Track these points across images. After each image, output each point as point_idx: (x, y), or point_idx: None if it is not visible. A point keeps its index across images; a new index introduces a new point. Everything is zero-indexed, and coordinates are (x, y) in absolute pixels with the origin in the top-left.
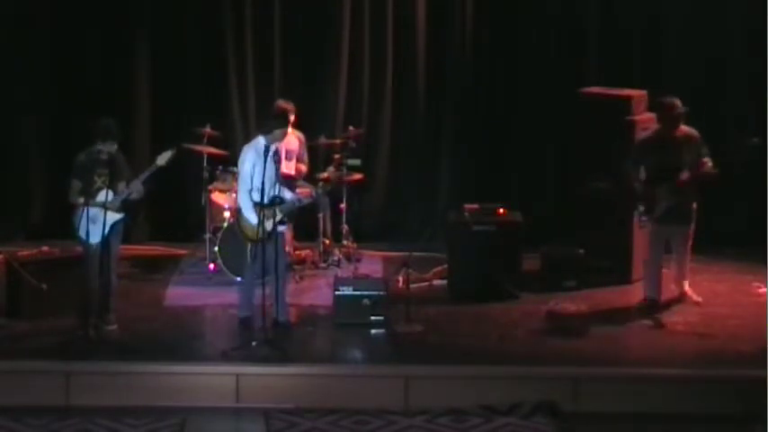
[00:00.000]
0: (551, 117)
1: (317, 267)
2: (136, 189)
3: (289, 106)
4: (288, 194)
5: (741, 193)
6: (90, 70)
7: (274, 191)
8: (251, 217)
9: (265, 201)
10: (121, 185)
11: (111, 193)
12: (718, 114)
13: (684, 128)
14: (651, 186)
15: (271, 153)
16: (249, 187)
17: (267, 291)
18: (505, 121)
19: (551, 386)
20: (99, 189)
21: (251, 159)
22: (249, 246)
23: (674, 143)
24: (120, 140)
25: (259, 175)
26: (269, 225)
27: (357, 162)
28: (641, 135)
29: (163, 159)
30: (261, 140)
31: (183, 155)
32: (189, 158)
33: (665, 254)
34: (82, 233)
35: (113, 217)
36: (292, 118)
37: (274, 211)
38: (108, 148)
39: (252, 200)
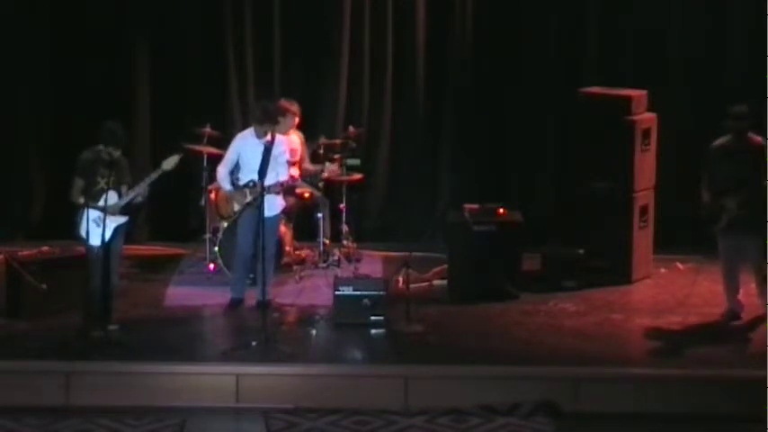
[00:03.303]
0: (551, 117)
1: (316, 267)
2: (141, 193)
3: (292, 107)
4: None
5: None
6: (90, 70)
7: (257, 178)
8: (226, 186)
9: (241, 183)
10: (123, 188)
11: (114, 195)
12: (717, 114)
13: (757, 138)
14: (718, 197)
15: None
16: (230, 168)
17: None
18: (505, 121)
19: (551, 386)
20: (102, 191)
21: (235, 148)
22: (224, 223)
23: (743, 153)
24: (125, 144)
25: (246, 164)
26: (238, 206)
27: (357, 162)
28: (715, 143)
29: (169, 164)
30: (248, 132)
31: (187, 158)
32: (189, 158)
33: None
34: (84, 234)
35: (117, 220)
36: (297, 120)
37: (245, 193)
38: (111, 151)
39: (230, 178)
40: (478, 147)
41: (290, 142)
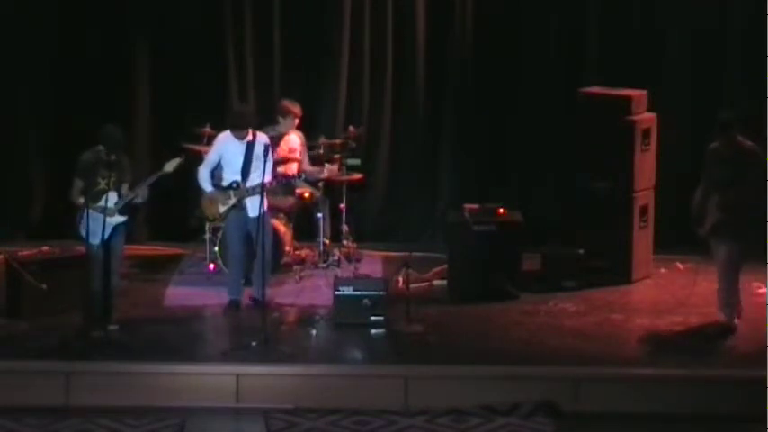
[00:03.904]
0: (551, 117)
1: (316, 267)
2: (141, 194)
3: (294, 108)
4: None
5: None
6: (90, 70)
7: (240, 179)
8: (207, 187)
9: (224, 184)
10: (124, 188)
11: (114, 196)
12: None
13: (745, 143)
14: (705, 200)
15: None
16: (210, 170)
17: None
18: (505, 121)
19: (551, 386)
20: (102, 191)
21: (216, 149)
22: (207, 225)
23: (730, 157)
24: (124, 147)
25: (228, 164)
26: (223, 208)
27: (357, 162)
28: (710, 146)
29: (171, 166)
30: (227, 133)
31: (190, 161)
32: (189, 158)
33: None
34: (84, 234)
35: (117, 219)
36: (297, 121)
37: (230, 195)
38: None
39: (212, 179)
40: (478, 147)
41: (289, 142)
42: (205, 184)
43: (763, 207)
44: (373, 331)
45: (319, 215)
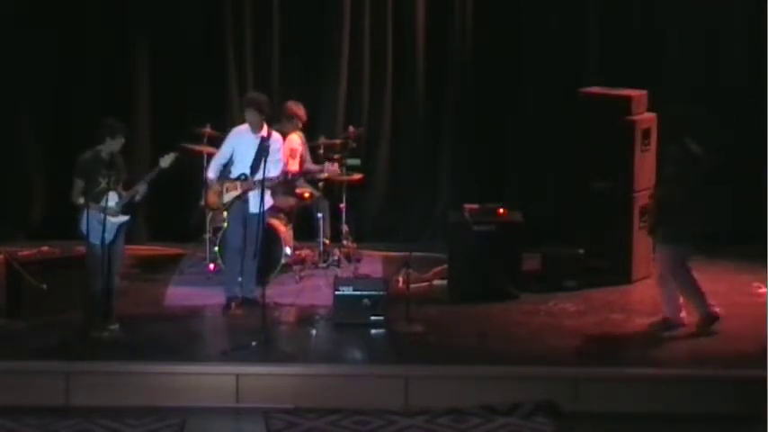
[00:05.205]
0: (551, 117)
1: (316, 267)
2: (141, 192)
3: (299, 110)
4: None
5: (740, 191)
6: (90, 70)
7: (249, 172)
8: (211, 174)
9: (232, 177)
10: (119, 187)
11: (115, 196)
12: (716, 114)
13: (689, 145)
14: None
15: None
16: (222, 162)
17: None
18: (505, 121)
19: (551, 386)
20: (103, 191)
21: (230, 142)
22: (209, 214)
23: (671, 157)
24: (125, 134)
25: (240, 158)
26: (228, 198)
27: (357, 162)
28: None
29: (166, 162)
30: (244, 127)
31: (184, 156)
32: (189, 158)
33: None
34: (85, 232)
35: (120, 219)
36: (301, 123)
37: (237, 186)
38: (113, 146)
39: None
40: (478, 147)
41: (290, 142)
42: (212, 173)
43: (700, 212)
44: (373, 331)
45: (319, 215)
